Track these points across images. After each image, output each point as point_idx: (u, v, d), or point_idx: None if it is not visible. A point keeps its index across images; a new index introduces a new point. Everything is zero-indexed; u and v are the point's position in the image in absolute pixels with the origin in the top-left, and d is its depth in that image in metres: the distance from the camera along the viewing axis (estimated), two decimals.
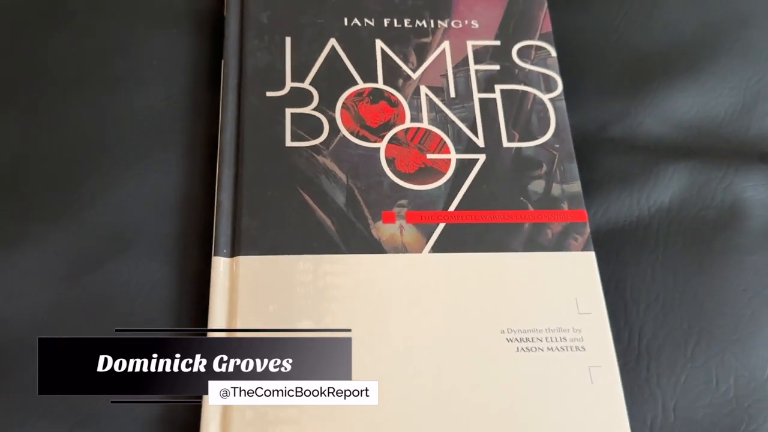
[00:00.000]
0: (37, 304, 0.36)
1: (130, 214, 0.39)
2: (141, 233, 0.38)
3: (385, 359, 0.35)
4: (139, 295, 0.37)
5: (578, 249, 0.39)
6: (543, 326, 0.36)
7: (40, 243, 0.38)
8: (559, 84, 0.44)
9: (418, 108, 0.42)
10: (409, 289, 0.37)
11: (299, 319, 0.35)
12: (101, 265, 0.37)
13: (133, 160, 0.40)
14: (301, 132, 0.40)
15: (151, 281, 0.37)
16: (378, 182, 0.39)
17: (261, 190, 0.38)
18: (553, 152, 0.41)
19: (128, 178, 0.40)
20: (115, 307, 0.36)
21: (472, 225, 0.39)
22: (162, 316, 0.36)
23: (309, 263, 0.37)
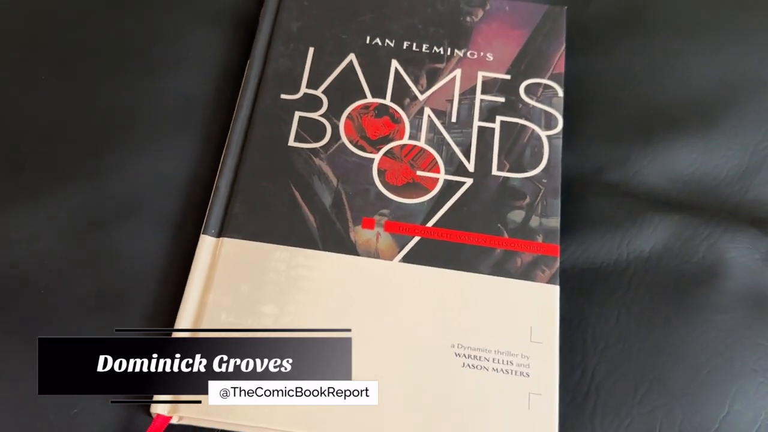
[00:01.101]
0: (45, 252, 0.41)
1: (139, 186, 0.43)
2: (145, 205, 0.42)
3: None
4: (132, 259, 0.41)
5: (543, 281, 0.40)
6: (493, 347, 0.38)
7: (58, 199, 0.42)
8: (559, 123, 0.45)
9: (418, 127, 0.44)
10: (373, 292, 0.39)
11: (265, 303, 0.39)
12: (105, 227, 0.42)
13: (153, 139, 0.44)
14: (304, 134, 0.43)
15: (145, 248, 0.41)
16: (365, 190, 0.42)
17: (256, 181, 0.42)
18: (539, 186, 0.43)
19: (145, 154, 0.44)
20: (109, 266, 0.40)
21: (445, 242, 0.41)
22: (147, 279, 0.40)
23: (285, 253, 0.40)
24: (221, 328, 0.37)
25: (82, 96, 0.46)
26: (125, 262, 0.41)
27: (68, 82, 0.46)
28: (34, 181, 0.43)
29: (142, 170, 0.44)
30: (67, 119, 0.45)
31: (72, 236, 0.41)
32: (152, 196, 0.43)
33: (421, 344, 0.38)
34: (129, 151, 0.44)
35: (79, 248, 0.41)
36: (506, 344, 0.38)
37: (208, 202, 0.41)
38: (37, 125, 0.45)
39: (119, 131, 0.45)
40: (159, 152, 0.44)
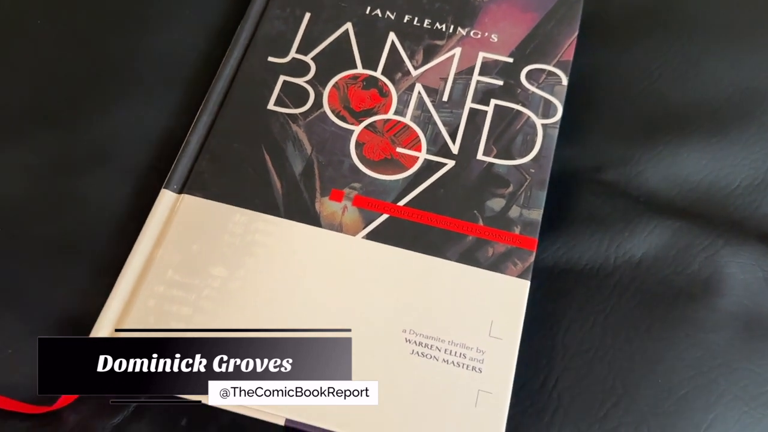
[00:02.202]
0: (11, 193, 0.40)
1: (113, 136, 0.42)
2: (116, 155, 0.41)
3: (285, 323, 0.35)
4: (93, 207, 0.40)
5: (514, 274, 0.37)
6: (447, 337, 0.35)
7: (33, 143, 0.42)
8: (558, 112, 0.42)
9: (405, 103, 0.42)
10: (329, 266, 0.37)
11: (215, 265, 0.37)
12: (73, 173, 0.41)
13: (135, 91, 0.44)
14: (285, 99, 0.42)
15: (108, 197, 0.40)
16: (339, 161, 0.40)
17: (228, 141, 0.40)
18: (525, 175, 0.40)
19: (125, 106, 0.43)
20: (70, 212, 0.40)
21: (415, 223, 0.38)
22: (105, 228, 0.39)
23: (245, 217, 0.38)
24: (165, 284, 0.36)
25: (73, 43, 0.45)
26: (87, 210, 0.40)
27: (62, 28, 0.46)
28: (12, 122, 0.43)
29: (118, 121, 0.43)
30: (55, 65, 0.45)
31: (39, 180, 0.41)
32: (124, 147, 0.42)
33: (370, 325, 0.36)
34: (109, 101, 0.43)
35: (44, 192, 0.40)
36: (462, 336, 0.35)
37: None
38: (25, 68, 0.44)
39: (103, 81, 0.44)
40: (139, 105, 0.43)
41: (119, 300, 0.36)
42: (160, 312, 0.36)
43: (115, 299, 0.36)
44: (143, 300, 0.36)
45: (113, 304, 0.36)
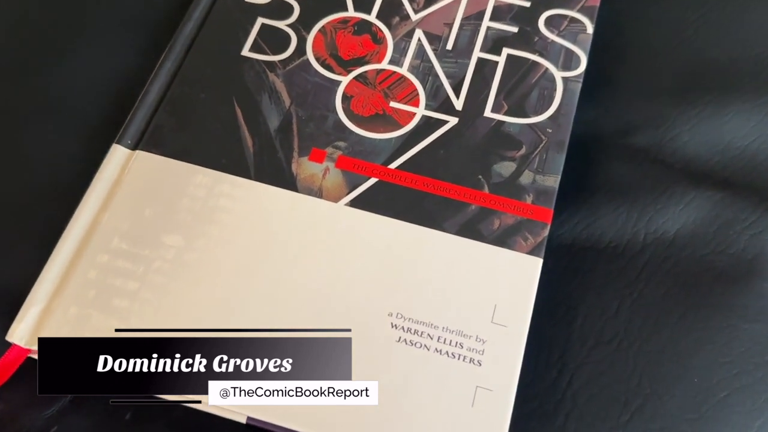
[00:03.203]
0: None
1: (68, 85, 0.37)
2: (69, 105, 0.36)
3: (248, 306, 0.30)
4: (39, 162, 0.35)
5: (524, 251, 0.31)
6: (441, 323, 0.30)
7: None
8: (582, 64, 0.36)
9: (403, 51, 0.36)
10: (305, 237, 0.31)
11: (170, 233, 0.31)
12: (22, 125, 0.35)
13: (93, 34, 0.38)
14: (263, 44, 0.36)
15: (57, 154, 0.35)
16: (323, 116, 0.34)
17: (193, 91, 0.35)
18: (541, 136, 0.34)
19: (81, 51, 0.38)
20: (15, 167, 0.34)
21: (408, 189, 0.33)
22: (52, 189, 0.34)
23: (208, 178, 0.33)
24: (110, 253, 0.31)
25: None
26: (30, 168, 0.35)
27: None
28: None
29: (72, 69, 0.37)
30: (17, 11, 0.39)
31: None
32: (77, 99, 0.36)
33: (350, 306, 0.30)
34: (63, 47, 0.38)
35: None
36: (459, 322, 0.30)
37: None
38: None
39: (57, 25, 0.39)
40: (97, 51, 0.38)
41: (56, 271, 0.30)
42: (102, 285, 0.30)
43: (51, 270, 0.30)
44: (83, 271, 0.30)
45: (49, 276, 0.30)
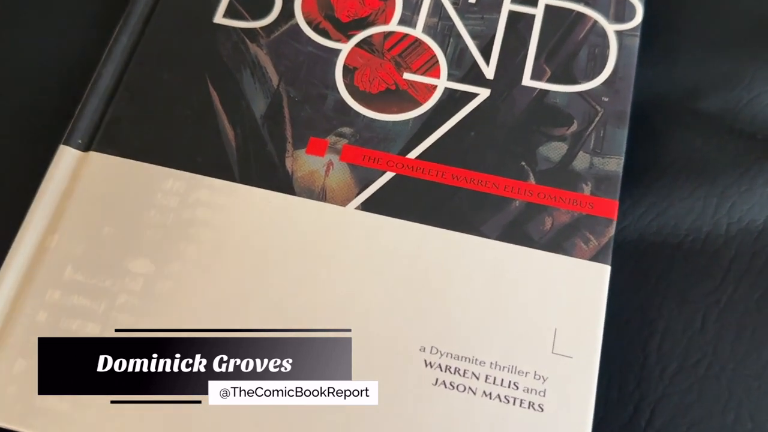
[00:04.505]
0: None
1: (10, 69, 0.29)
2: (4, 96, 0.29)
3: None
4: None
5: (585, 256, 0.25)
6: (488, 358, 0.23)
7: None
8: (638, 12, 0.29)
9: (415, 8, 0.29)
10: (306, 255, 0.25)
11: (135, 256, 0.25)
12: None
13: (32, 3, 0.31)
14: (240, 7, 0.29)
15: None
16: (321, 96, 0.27)
17: (155, 71, 0.27)
18: (596, 107, 0.27)
19: (17, 26, 0.30)
20: None
21: (432, 184, 0.26)
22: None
23: (180, 183, 0.26)
24: (63, 288, 0.24)
25: None
26: None
27: None
28: None
29: (6, 48, 0.30)
30: None
31: None
32: (12, 85, 0.29)
33: (370, 342, 0.23)
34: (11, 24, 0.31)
35: None
36: (511, 355, 0.23)
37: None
38: None
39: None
40: (38, 24, 0.31)
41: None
42: (56, 330, 0.24)
43: None
44: (30, 313, 0.24)
45: None
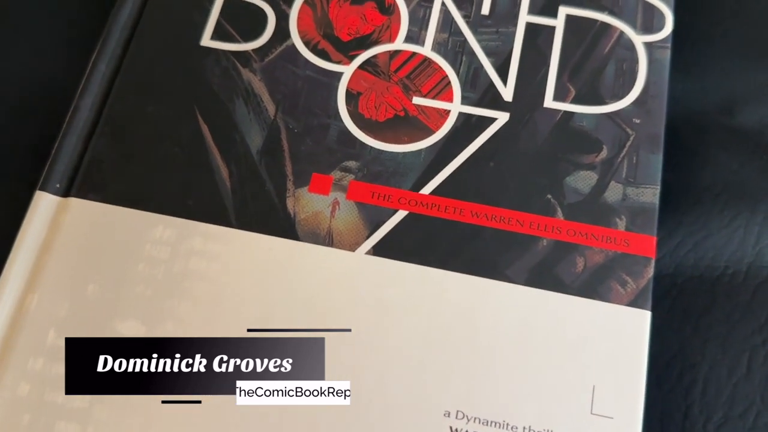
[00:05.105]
0: None
1: None
2: None
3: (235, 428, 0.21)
4: None
5: (623, 301, 0.22)
6: (520, 421, 0.21)
7: None
8: (667, 21, 0.26)
9: (422, 22, 0.26)
10: (313, 308, 0.22)
11: (124, 317, 0.22)
12: None
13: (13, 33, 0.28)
14: (229, 27, 0.26)
15: None
16: (322, 126, 0.25)
17: (138, 104, 0.25)
18: (627, 130, 0.25)
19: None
20: None
21: (450, 223, 0.23)
22: None
23: (171, 231, 0.23)
24: (46, 355, 0.22)
25: None
26: None
27: None
28: None
29: None
30: None
31: None
32: None
33: (389, 410, 0.21)
34: None
35: None
36: (546, 417, 0.21)
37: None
38: None
39: None
40: (8, 52, 0.28)
41: None
42: (39, 404, 0.21)
43: None
44: (11, 385, 0.22)
45: None
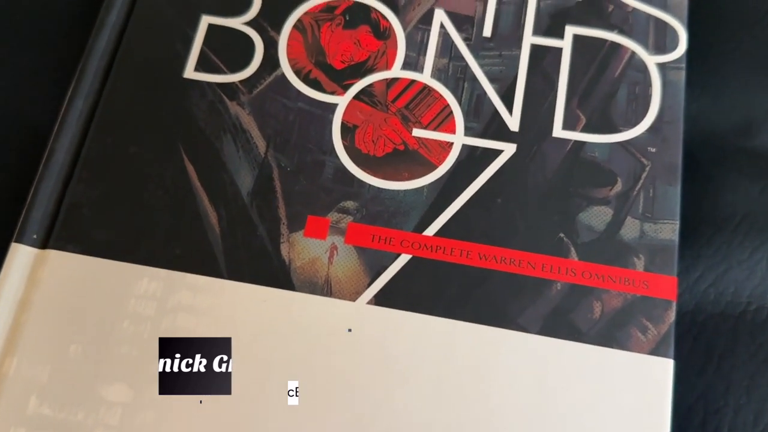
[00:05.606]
0: None
1: None
2: None
3: None
4: None
5: (644, 350, 0.21)
6: None
7: None
8: (681, 40, 0.25)
9: (420, 47, 0.25)
10: (312, 363, 0.21)
11: (110, 381, 0.21)
12: None
13: None
14: (215, 58, 0.24)
15: None
16: (317, 163, 0.23)
17: (119, 144, 0.23)
18: (642, 160, 0.23)
19: None
20: None
21: (457, 267, 0.22)
22: None
23: (157, 284, 0.22)
24: (26, 424, 0.20)
25: None
26: None
27: None
28: None
29: None
30: None
31: None
32: None
33: None
34: None
35: None
36: None
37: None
38: None
39: None
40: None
41: None
42: None
43: None
44: None
45: None
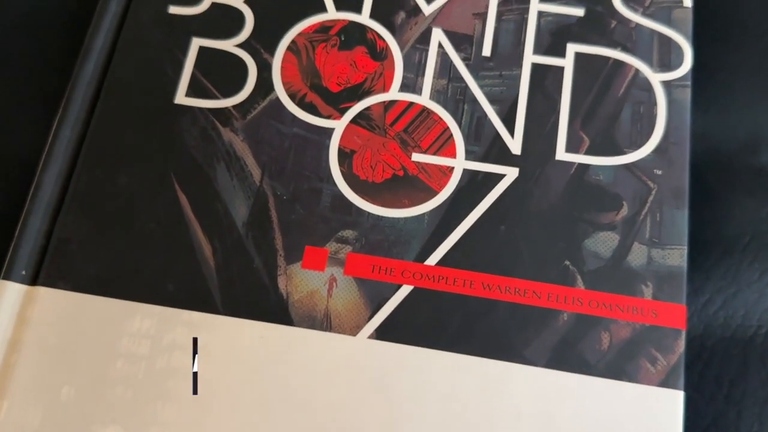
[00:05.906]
0: None
1: None
2: None
3: None
4: None
5: (654, 382, 0.20)
6: None
7: None
8: (686, 56, 0.24)
9: (418, 68, 0.24)
10: (312, 402, 0.20)
11: (104, 424, 0.20)
12: None
13: None
14: (206, 82, 0.24)
15: None
16: (314, 191, 0.22)
17: (109, 174, 0.22)
18: (648, 183, 0.22)
19: None
20: None
21: (460, 298, 0.21)
22: None
23: (151, 321, 0.21)
24: None
25: None
26: None
27: None
28: None
29: None
30: None
31: None
32: None
33: None
34: None
35: None
36: None
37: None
38: None
39: None
40: None
41: None
42: None
43: None
44: None
45: None
